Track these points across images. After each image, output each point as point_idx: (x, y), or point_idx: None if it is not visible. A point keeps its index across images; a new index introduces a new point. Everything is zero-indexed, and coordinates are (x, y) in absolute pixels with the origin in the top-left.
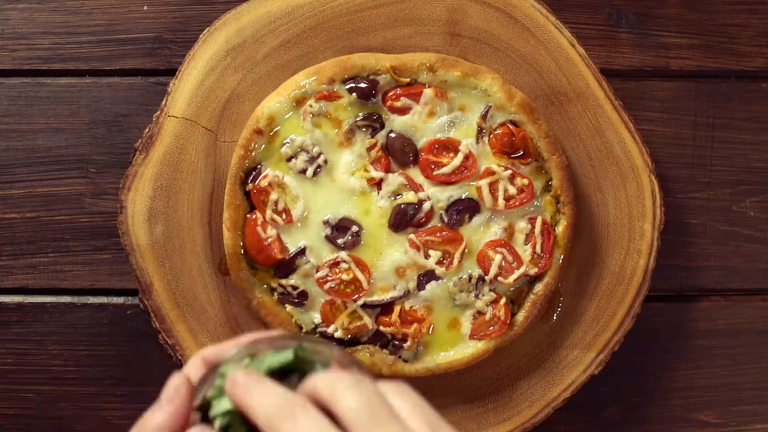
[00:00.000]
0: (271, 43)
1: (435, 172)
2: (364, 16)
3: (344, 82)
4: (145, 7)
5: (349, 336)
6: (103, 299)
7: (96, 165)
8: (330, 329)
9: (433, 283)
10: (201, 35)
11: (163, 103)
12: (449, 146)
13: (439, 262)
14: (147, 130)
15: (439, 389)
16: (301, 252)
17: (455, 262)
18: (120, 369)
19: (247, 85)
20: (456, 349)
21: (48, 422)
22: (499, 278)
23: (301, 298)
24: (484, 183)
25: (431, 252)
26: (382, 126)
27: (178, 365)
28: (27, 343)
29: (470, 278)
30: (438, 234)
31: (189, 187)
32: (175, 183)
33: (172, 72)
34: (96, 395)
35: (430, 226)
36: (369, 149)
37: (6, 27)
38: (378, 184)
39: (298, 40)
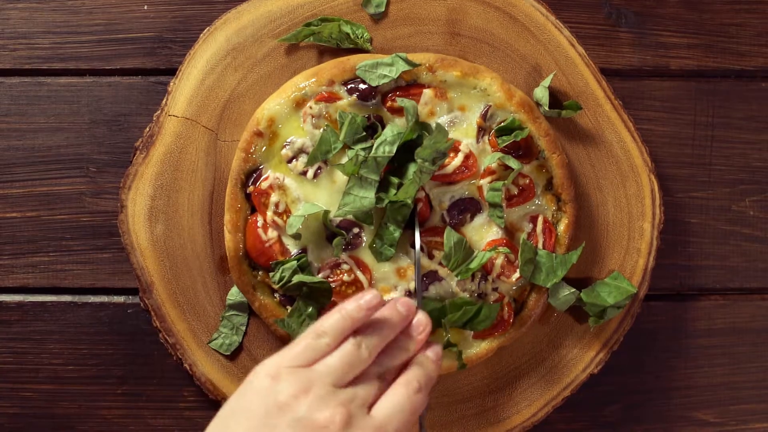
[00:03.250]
0: (272, 42)
1: (436, 173)
2: (364, 16)
3: (344, 83)
4: (145, 7)
5: None
6: (104, 298)
7: (96, 164)
8: None
9: (436, 283)
10: (201, 35)
11: (164, 102)
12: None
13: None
14: (147, 129)
15: (439, 389)
16: (302, 253)
17: None
18: (120, 368)
19: (248, 84)
20: (459, 348)
21: (48, 421)
22: (502, 277)
23: None
24: (485, 182)
25: (435, 252)
26: (383, 127)
27: (179, 364)
28: (27, 342)
29: (473, 278)
30: (441, 234)
31: (189, 187)
32: (175, 182)
33: (172, 71)
34: (96, 394)
35: (432, 226)
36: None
37: (6, 27)
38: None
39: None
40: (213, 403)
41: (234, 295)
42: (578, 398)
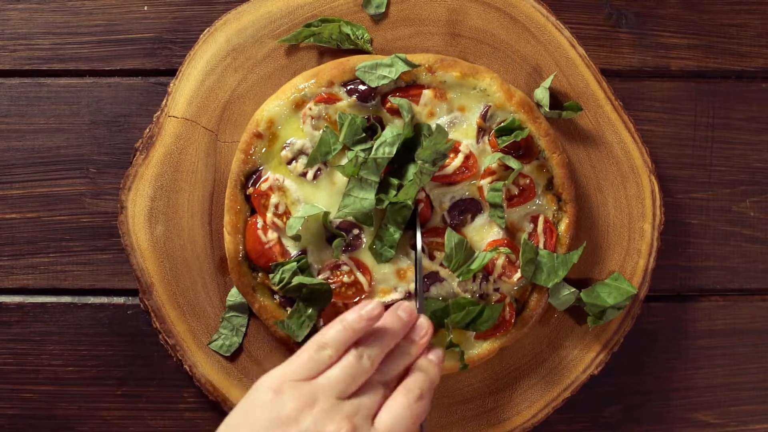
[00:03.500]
0: (272, 43)
1: (436, 173)
2: (364, 17)
3: (344, 84)
4: (145, 8)
5: None
6: (104, 299)
7: (96, 165)
8: None
9: (437, 284)
10: (201, 35)
11: (164, 103)
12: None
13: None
14: (147, 130)
15: (439, 390)
16: (302, 255)
17: None
18: (120, 369)
19: (248, 85)
20: (461, 349)
21: (48, 422)
22: (503, 278)
23: None
24: (485, 183)
25: (436, 253)
26: (383, 128)
27: (179, 365)
28: (27, 343)
29: (474, 278)
30: (442, 235)
31: (189, 188)
32: (175, 183)
33: (172, 72)
34: (96, 395)
35: (432, 227)
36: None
37: (6, 27)
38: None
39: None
40: (213, 404)
41: (234, 296)
42: (578, 399)
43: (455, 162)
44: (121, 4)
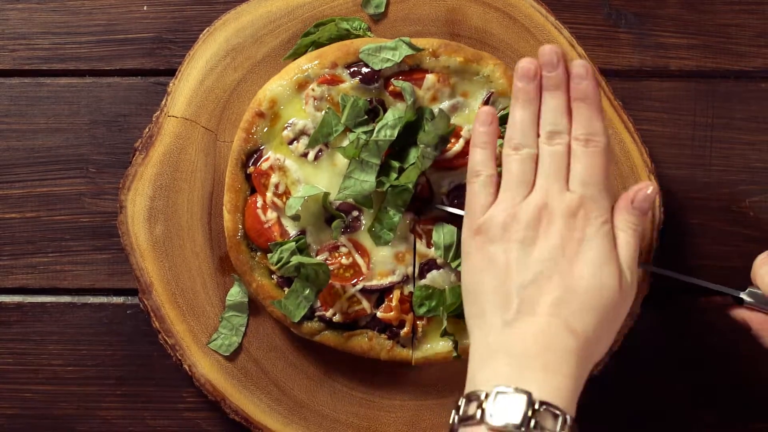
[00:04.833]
0: (271, 43)
1: (437, 158)
2: (363, 17)
3: (347, 66)
4: (145, 7)
5: (348, 320)
6: (103, 299)
7: (96, 165)
8: (328, 313)
9: (434, 272)
10: (201, 35)
11: (163, 103)
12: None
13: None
14: (147, 130)
15: (438, 390)
16: (301, 235)
17: None
18: (120, 369)
19: (247, 85)
20: (456, 338)
21: (48, 422)
22: None
23: None
24: None
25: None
26: (385, 110)
27: (178, 365)
28: (27, 343)
29: None
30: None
31: (189, 187)
32: (175, 183)
33: (171, 72)
34: (96, 395)
35: (431, 212)
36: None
37: (6, 27)
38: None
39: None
40: (212, 404)
41: (233, 295)
42: (578, 400)
43: (456, 147)
44: (120, 3)
